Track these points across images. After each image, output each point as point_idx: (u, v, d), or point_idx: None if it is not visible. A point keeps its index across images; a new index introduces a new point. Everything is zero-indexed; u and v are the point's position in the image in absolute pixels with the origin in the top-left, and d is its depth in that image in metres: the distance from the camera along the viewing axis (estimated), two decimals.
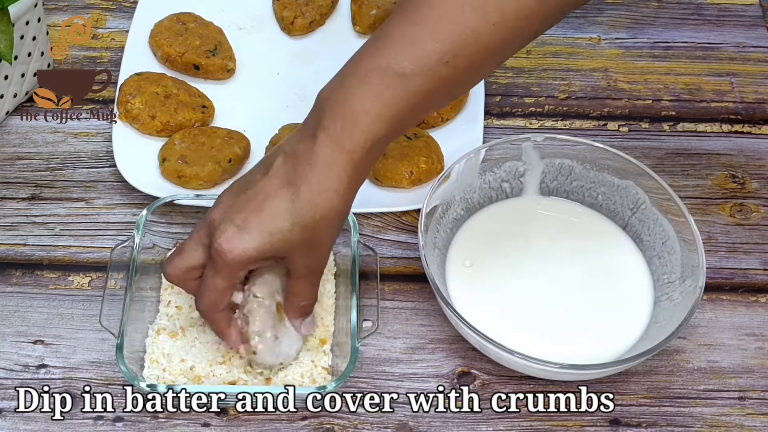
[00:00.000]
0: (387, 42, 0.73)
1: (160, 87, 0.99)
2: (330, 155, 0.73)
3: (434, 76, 0.73)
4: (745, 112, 1.04)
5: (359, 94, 0.72)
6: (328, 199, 0.73)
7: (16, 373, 0.84)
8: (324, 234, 0.75)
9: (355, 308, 0.82)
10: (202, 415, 0.81)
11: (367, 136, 0.73)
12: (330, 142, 0.73)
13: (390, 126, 0.73)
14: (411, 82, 0.72)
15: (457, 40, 0.72)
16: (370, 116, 0.72)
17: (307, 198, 0.73)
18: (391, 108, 0.73)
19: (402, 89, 0.72)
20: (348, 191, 0.74)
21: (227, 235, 0.74)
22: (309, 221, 0.73)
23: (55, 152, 0.98)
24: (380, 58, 0.73)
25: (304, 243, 0.75)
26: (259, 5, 1.10)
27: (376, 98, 0.72)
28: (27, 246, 0.92)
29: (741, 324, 0.88)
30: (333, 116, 0.73)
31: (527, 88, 1.06)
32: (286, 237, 0.74)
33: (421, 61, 0.72)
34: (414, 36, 0.73)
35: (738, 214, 0.96)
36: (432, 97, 0.74)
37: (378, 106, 0.72)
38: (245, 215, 0.74)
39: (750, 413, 0.83)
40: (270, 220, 0.74)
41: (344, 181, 0.73)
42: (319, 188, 0.73)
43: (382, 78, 0.72)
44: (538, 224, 0.91)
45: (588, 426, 0.82)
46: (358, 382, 0.84)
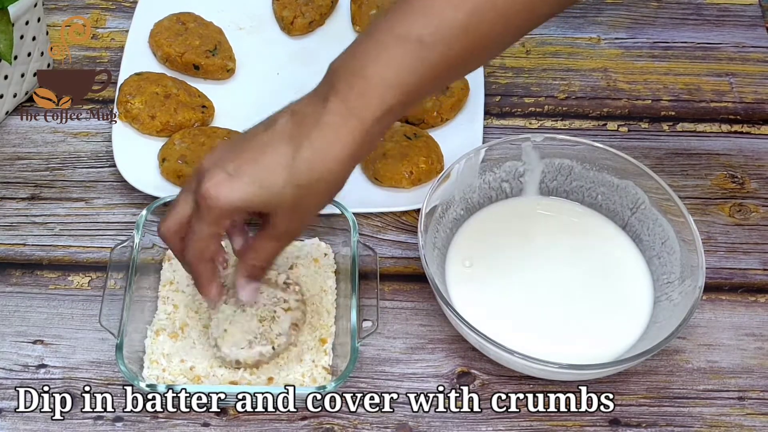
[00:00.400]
0: (404, 10, 0.72)
1: (159, 87, 0.99)
2: (339, 118, 0.71)
3: (453, 44, 0.71)
4: (744, 112, 1.04)
5: (376, 61, 0.71)
6: (329, 162, 0.71)
7: (15, 373, 0.84)
8: (314, 198, 0.73)
9: (355, 308, 0.82)
10: (202, 415, 0.82)
11: (380, 103, 0.71)
12: (341, 106, 0.71)
13: (405, 95, 0.71)
14: (430, 50, 0.71)
15: (475, 8, 0.71)
16: (386, 83, 0.71)
17: (308, 157, 0.71)
18: (409, 76, 0.71)
19: (420, 57, 0.71)
20: (350, 159, 0.72)
21: (215, 180, 0.72)
22: (304, 181, 0.71)
23: (55, 152, 0.98)
24: (398, 26, 0.71)
25: (293, 203, 0.72)
26: (259, 5, 1.10)
27: (393, 65, 0.71)
28: (27, 246, 0.92)
29: (740, 324, 0.88)
30: (347, 82, 0.71)
31: (527, 88, 1.06)
32: (276, 192, 0.72)
33: (440, 28, 0.71)
34: (432, 4, 0.71)
35: (737, 214, 0.96)
36: (449, 67, 0.73)
37: (395, 73, 0.71)
38: (238, 163, 0.72)
39: (749, 413, 0.83)
40: (264, 172, 0.72)
41: (349, 147, 0.71)
42: (322, 149, 0.71)
43: (400, 45, 0.71)
44: (538, 224, 0.91)
45: (588, 426, 0.82)
46: (358, 382, 0.84)
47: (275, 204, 0.73)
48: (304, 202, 0.73)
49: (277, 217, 0.74)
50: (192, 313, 0.85)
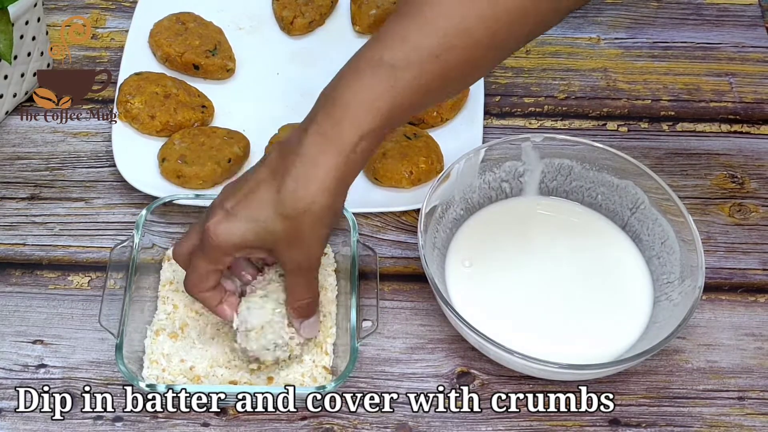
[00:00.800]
0: (381, 37, 0.74)
1: (159, 87, 0.99)
2: (317, 148, 0.73)
3: (424, 69, 0.73)
4: (744, 112, 1.04)
5: (351, 87, 0.73)
6: (312, 191, 0.73)
7: (15, 373, 0.84)
8: (308, 228, 0.74)
9: (355, 308, 0.82)
10: (201, 415, 0.82)
11: (354, 128, 0.72)
12: (318, 135, 0.73)
13: (379, 119, 0.73)
14: (401, 75, 0.72)
15: (448, 35, 0.72)
16: (359, 108, 0.72)
17: (291, 189, 0.73)
18: (380, 100, 0.72)
19: (392, 82, 0.72)
20: (336, 185, 0.73)
21: (216, 219, 0.75)
22: (291, 212, 0.73)
23: (55, 152, 0.98)
24: (373, 53, 0.73)
25: (288, 235, 0.74)
26: (259, 5, 1.10)
27: (365, 90, 0.72)
28: (26, 246, 0.92)
29: (740, 324, 0.88)
30: (324, 110, 0.73)
31: (527, 88, 1.06)
32: (269, 227, 0.74)
33: (411, 54, 0.72)
34: (406, 31, 0.73)
35: (737, 214, 0.96)
36: (423, 92, 0.74)
37: (367, 98, 0.72)
38: (234, 202, 0.75)
39: (749, 413, 0.83)
40: (255, 208, 0.74)
41: (330, 174, 0.73)
42: (304, 180, 0.73)
43: (373, 71, 0.72)
44: (538, 224, 0.91)
45: (587, 426, 0.82)
46: (358, 382, 0.84)
47: (271, 239, 0.75)
48: (298, 233, 0.74)
49: (278, 253, 0.76)
50: (192, 313, 0.85)
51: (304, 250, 0.76)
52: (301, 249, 0.76)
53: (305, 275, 0.78)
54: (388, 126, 0.74)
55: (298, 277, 0.78)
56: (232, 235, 0.74)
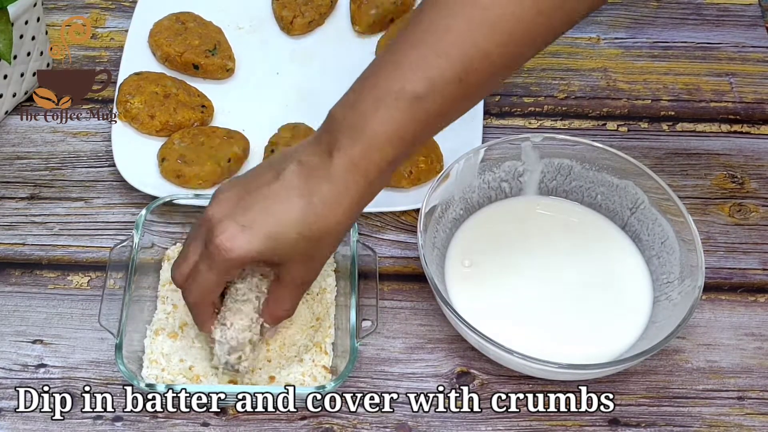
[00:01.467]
0: (399, 64, 0.74)
1: (159, 86, 0.99)
2: (346, 174, 0.73)
3: (447, 96, 0.74)
4: (744, 112, 1.04)
5: (376, 117, 0.73)
6: (338, 214, 0.74)
7: (15, 372, 0.84)
8: (325, 247, 0.76)
9: (354, 308, 0.82)
10: (201, 415, 0.81)
11: (383, 157, 0.74)
12: (347, 162, 0.73)
13: (405, 147, 0.75)
14: (425, 104, 0.73)
15: (467, 60, 0.73)
16: (386, 138, 0.73)
17: (318, 211, 0.74)
18: (407, 130, 0.74)
19: (417, 111, 0.73)
20: (357, 210, 0.75)
21: (229, 233, 0.74)
22: (315, 233, 0.74)
23: (55, 152, 0.98)
24: (394, 81, 0.74)
25: (305, 253, 0.75)
26: (259, 5, 1.10)
27: (392, 121, 0.73)
28: (26, 245, 0.92)
29: (740, 324, 0.88)
30: (350, 137, 0.73)
31: (526, 88, 1.06)
32: (289, 245, 0.74)
33: (434, 82, 0.73)
34: (426, 58, 0.73)
35: (737, 214, 0.96)
36: (445, 116, 0.76)
37: (394, 128, 0.73)
38: (251, 216, 0.74)
39: (749, 413, 0.83)
40: (277, 224, 0.74)
41: (356, 200, 0.74)
42: (331, 203, 0.74)
43: (397, 101, 0.73)
44: (538, 224, 0.91)
45: (587, 426, 0.82)
46: (358, 381, 0.84)
47: (288, 256, 0.75)
48: (315, 253, 0.76)
49: (291, 268, 0.76)
50: None
51: (313, 267, 0.77)
52: (310, 266, 0.77)
53: (302, 289, 0.79)
54: (412, 150, 0.76)
55: (293, 290, 0.79)
56: (250, 250, 0.74)
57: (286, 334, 0.83)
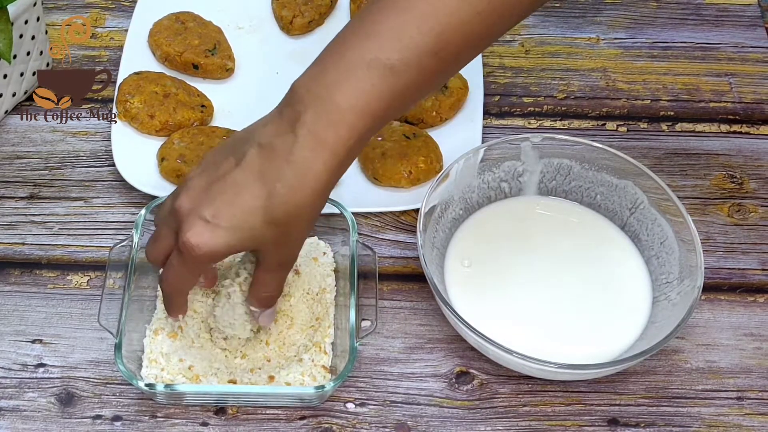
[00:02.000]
0: (372, 33, 0.71)
1: (159, 86, 0.99)
2: (311, 153, 0.70)
3: (423, 68, 0.71)
4: (743, 112, 1.04)
5: (344, 89, 0.70)
6: (304, 196, 0.71)
7: (14, 372, 0.84)
8: (296, 230, 0.73)
9: (354, 308, 0.82)
10: (200, 415, 0.82)
11: (351, 132, 0.70)
12: (311, 140, 0.70)
13: (375, 120, 0.71)
14: (399, 76, 0.70)
15: (444, 31, 0.70)
16: (355, 112, 0.70)
17: (283, 195, 0.70)
18: (379, 103, 0.70)
19: (390, 83, 0.70)
20: (325, 189, 0.72)
21: (196, 230, 0.71)
22: (282, 218, 0.71)
23: (54, 151, 0.98)
24: (365, 51, 0.70)
25: (276, 239, 0.73)
26: (258, 5, 1.10)
27: (362, 93, 0.70)
28: (26, 245, 0.92)
29: (739, 324, 0.88)
30: (315, 112, 0.70)
31: (526, 88, 1.06)
32: (257, 234, 0.72)
33: (410, 54, 0.70)
34: (401, 28, 0.70)
35: (736, 215, 0.96)
36: (419, 89, 0.73)
37: (364, 101, 0.70)
38: (215, 209, 0.71)
39: (748, 413, 0.83)
40: (241, 216, 0.71)
41: (323, 179, 0.71)
42: (296, 186, 0.70)
43: (368, 72, 0.70)
44: (537, 224, 0.91)
45: (586, 426, 0.82)
46: (357, 381, 0.84)
47: (257, 244, 0.73)
48: (286, 236, 0.73)
49: (265, 254, 0.75)
50: (190, 311, 0.84)
51: (289, 250, 0.75)
52: (286, 249, 0.75)
53: (283, 272, 0.77)
54: (381, 125, 0.72)
55: (274, 273, 0.77)
56: (216, 245, 0.72)
57: (286, 334, 0.83)
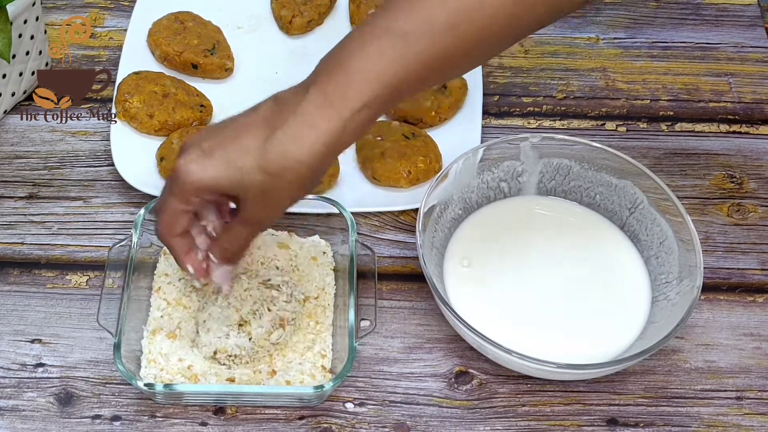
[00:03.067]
0: (392, 6, 0.71)
1: (158, 86, 0.99)
2: (315, 108, 0.70)
3: (437, 42, 0.70)
4: (743, 112, 1.04)
5: (358, 52, 0.70)
6: (301, 150, 0.70)
7: (13, 372, 0.84)
8: (284, 186, 0.72)
9: (353, 307, 0.82)
10: (200, 415, 0.81)
11: (359, 95, 0.70)
12: (320, 96, 0.70)
13: (385, 89, 0.70)
14: (411, 45, 0.70)
15: (462, 8, 0.70)
16: (366, 75, 0.70)
17: (280, 141, 0.70)
18: (388, 69, 0.70)
19: (401, 51, 0.70)
20: (324, 151, 0.71)
21: (190, 157, 0.72)
22: (273, 166, 0.71)
23: (53, 151, 0.98)
24: (383, 20, 0.71)
25: (262, 189, 0.72)
26: (258, 4, 1.10)
27: (374, 57, 0.70)
28: (25, 245, 0.92)
29: (738, 324, 0.88)
30: (328, 73, 0.71)
31: (525, 88, 1.06)
32: (246, 176, 0.71)
33: (426, 23, 0.70)
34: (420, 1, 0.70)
35: (736, 214, 0.96)
36: (431, 65, 0.72)
37: (374, 65, 0.70)
38: (214, 143, 0.72)
39: (747, 413, 0.83)
40: (236, 153, 0.71)
41: (323, 137, 0.70)
42: (295, 137, 0.70)
43: (383, 38, 0.70)
44: (536, 224, 0.91)
45: (585, 426, 0.82)
46: (356, 381, 0.84)
47: (244, 187, 0.72)
48: (273, 190, 0.72)
49: (247, 202, 0.73)
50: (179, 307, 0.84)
51: (272, 207, 0.74)
52: (269, 205, 0.74)
53: (255, 229, 0.76)
54: (392, 98, 0.72)
55: (248, 228, 0.76)
56: (206, 175, 0.72)
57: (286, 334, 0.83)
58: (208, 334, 0.81)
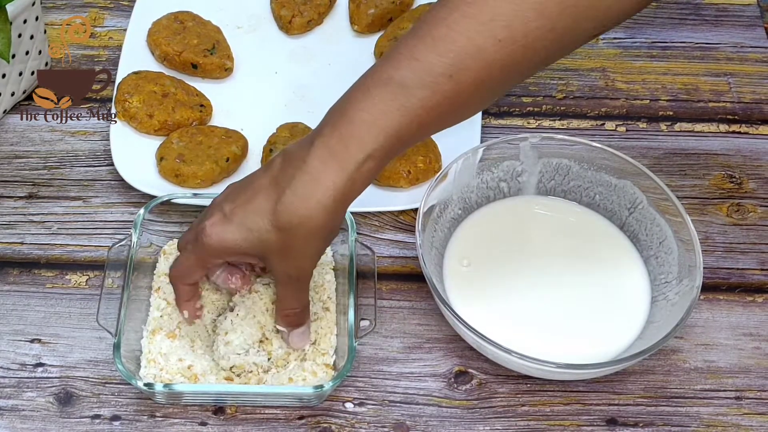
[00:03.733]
0: (392, 57, 0.73)
1: (157, 86, 0.99)
2: (321, 163, 0.72)
3: (436, 89, 0.71)
4: (742, 112, 1.04)
5: (359, 105, 0.72)
6: (310, 207, 0.72)
7: (13, 371, 0.84)
8: (302, 242, 0.74)
9: (353, 307, 0.82)
10: (199, 414, 0.81)
11: (361, 146, 0.71)
12: (324, 150, 0.72)
13: (387, 139, 0.72)
14: (411, 95, 0.71)
15: (459, 54, 0.71)
16: (366, 126, 0.71)
17: (289, 202, 0.72)
18: (389, 119, 0.71)
19: (402, 101, 0.71)
20: (334, 204, 0.72)
21: (212, 220, 0.75)
22: (285, 225, 0.73)
23: (53, 151, 0.98)
24: (383, 71, 0.72)
25: (280, 247, 0.74)
26: (257, 4, 1.10)
27: (374, 109, 0.71)
28: (24, 245, 0.92)
29: (738, 324, 0.88)
30: (332, 125, 0.72)
31: (525, 88, 1.06)
32: (263, 237, 0.74)
33: (423, 73, 0.71)
34: (417, 50, 0.71)
35: (735, 214, 0.96)
36: (435, 113, 0.73)
37: (375, 117, 0.71)
38: (233, 206, 0.75)
39: (747, 413, 0.83)
40: (251, 216, 0.74)
41: (330, 191, 0.72)
42: (303, 194, 0.72)
43: (382, 89, 0.71)
44: (536, 224, 0.91)
45: (585, 426, 0.82)
46: (356, 381, 0.84)
47: (263, 248, 0.75)
48: (290, 246, 0.74)
49: (269, 261, 0.76)
50: None
51: (296, 262, 0.76)
52: (292, 261, 0.76)
53: (295, 286, 0.78)
54: (396, 147, 0.73)
55: (287, 286, 0.78)
56: (226, 239, 0.75)
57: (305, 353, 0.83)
58: (227, 347, 0.80)
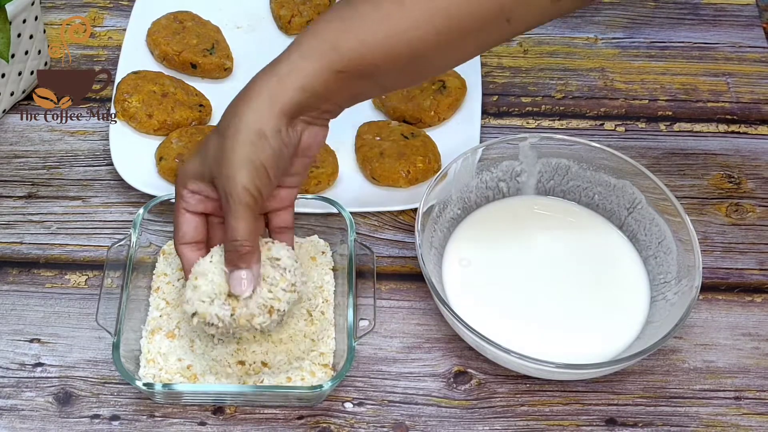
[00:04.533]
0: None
1: (157, 85, 0.99)
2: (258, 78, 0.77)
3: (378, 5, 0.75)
4: (741, 112, 1.04)
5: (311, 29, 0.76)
6: (242, 107, 0.75)
7: (12, 371, 0.84)
8: (231, 143, 0.74)
9: (352, 307, 0.82)
10: (198, 414, 0.82)
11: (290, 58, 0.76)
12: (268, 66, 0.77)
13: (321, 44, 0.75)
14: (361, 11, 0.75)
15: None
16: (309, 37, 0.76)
17: (228, 108, 0.77)
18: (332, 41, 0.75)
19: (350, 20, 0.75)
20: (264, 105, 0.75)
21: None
22: (223, 127, 0.76)
23: (52, 150, 0.98)
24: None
25: (217, 154, 0.76)
26: (257, 4, 1.10)
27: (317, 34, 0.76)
28: (23, 244, 0.92)
29: (737, 324, 0.88)
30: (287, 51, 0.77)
31: (524, 88, 1.06)
32: (208, 149, 0.77)
33: None
34: None
35: (734, 214, 0.96)
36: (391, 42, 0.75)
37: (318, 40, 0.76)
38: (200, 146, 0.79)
39: (746, 413, 0.83)
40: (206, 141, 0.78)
41: (263, 94, 0.75)
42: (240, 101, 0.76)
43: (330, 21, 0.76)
44: (535, 224, 0.91)
45: (584, 426, 0.82)
46: (355, 381, 0.84)
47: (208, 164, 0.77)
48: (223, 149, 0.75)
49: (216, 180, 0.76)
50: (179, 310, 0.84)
51: (227, 170, 0.74)
52: (224, 169, 0.74)
53: (232, 206, 0.75)
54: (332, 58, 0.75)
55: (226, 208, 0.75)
56: (186, 167, 0.78)
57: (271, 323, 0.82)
58: (194, 292, 0.77)
